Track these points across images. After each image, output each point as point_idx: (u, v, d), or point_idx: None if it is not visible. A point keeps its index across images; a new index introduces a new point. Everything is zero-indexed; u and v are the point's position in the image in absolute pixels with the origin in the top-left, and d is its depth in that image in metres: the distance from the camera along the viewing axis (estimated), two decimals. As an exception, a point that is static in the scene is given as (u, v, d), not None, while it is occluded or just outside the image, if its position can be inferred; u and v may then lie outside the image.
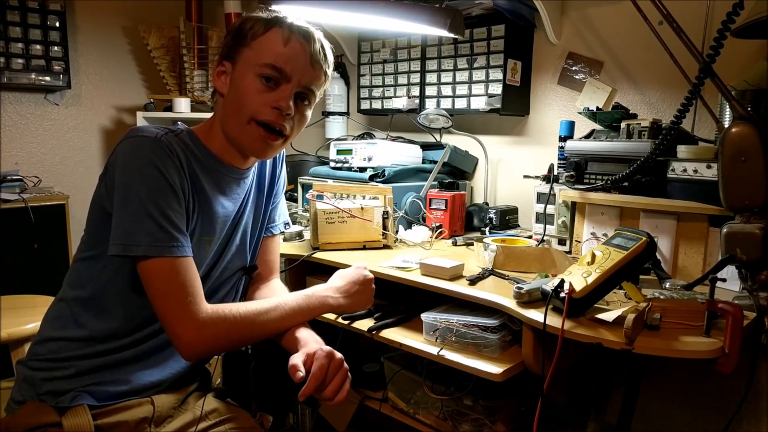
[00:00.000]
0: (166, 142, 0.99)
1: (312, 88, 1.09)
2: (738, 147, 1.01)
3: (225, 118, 1.07)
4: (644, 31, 1.29)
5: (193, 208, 1.05)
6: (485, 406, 1.39)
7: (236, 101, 1.04)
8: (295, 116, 1.08)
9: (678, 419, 1.54)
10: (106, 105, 2.84)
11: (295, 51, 1.04)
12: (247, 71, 1.04)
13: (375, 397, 1.58)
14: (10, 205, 2.19)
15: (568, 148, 1.56)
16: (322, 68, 1.09)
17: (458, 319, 1.22)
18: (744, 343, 0.93)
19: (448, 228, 1.72)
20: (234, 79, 1.05)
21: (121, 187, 0.95)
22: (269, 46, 1.03)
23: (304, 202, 1.98)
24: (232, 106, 1.05)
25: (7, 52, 2.44)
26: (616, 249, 1.05)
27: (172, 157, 0.98)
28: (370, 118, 2.55)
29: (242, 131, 1.05)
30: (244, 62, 1.04)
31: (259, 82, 1.03)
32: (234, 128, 1.06)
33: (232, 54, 1.06)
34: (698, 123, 1.59)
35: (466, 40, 1.96)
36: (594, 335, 0.96)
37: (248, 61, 1.04)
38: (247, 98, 1.03)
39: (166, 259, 0.94)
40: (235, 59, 1.06)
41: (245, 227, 1.21)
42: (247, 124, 1.04)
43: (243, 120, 1.04)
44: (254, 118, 1.04)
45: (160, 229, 0.94)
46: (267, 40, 1.04)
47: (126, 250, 0.93)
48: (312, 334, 1.10)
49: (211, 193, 1.09)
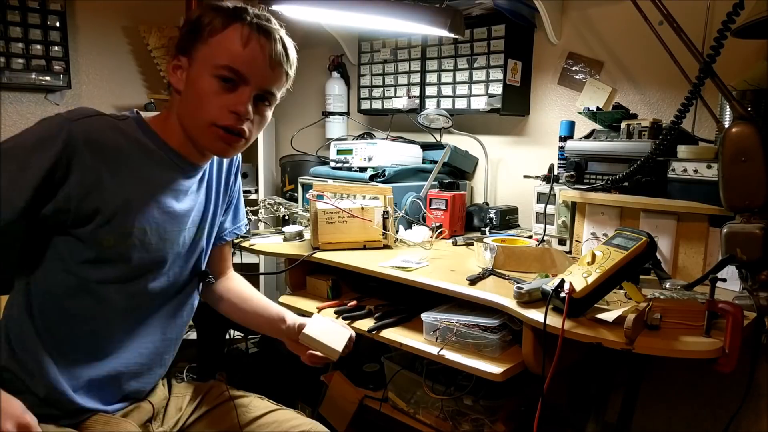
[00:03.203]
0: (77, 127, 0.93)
1: (272, 90, 1.04)
2: (738, 147, 1.01)
3: (183, 117, 1.03)
4: (644, 31, 1.29)
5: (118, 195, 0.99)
6: (485, 406, 1.39)
7: (194, 102, 1.00)
8: (255, 117, 1.03)
9: (678, 419, 1.54)
10: (107, 105, 2.84)
11: (254, 53, 0.98)
12: (204, 71, 0.98)
13: (375, 397, 1.59)
14: (10, 205, 2.19)
15: (568, 148, 1.56)
16: (283, 69, 1.03)
17: (458, 319, 1.22)
18: (744, 343, 0.93)
19: (448, 228, 1.72)
20: (190, 78, 1.00)
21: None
22: (227, 45, 0.97)
23: (305, 202, 1.98)
24: (190, 107, 1.01)
25: (7, 52, 2.44)
26: (616, 249, 1.05)
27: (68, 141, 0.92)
28: (370, 118, 2.55)
29: (202, 133, 1.02)
30: (201, 60, 0.99)
31: (217, 83, 0.98)
32: (193, 129, 1.02)
33: (188, 49, 1.00)
34: (698, 123, 1.59)
35: (466, 40, 1.96)
36: (594, 335, 0.96)
37: (205, 60, 0.98)
38: (205, 101, 0.98)
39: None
40: (192, 55, 1.00)
41: (205, 232, 1.18)
42: (207, 127, 1.01)
43: (203, 123, 1.00)
44: (213, 123, 1.00)
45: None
46: (225, 38, 0.97)
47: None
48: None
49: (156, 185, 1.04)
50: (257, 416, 1.20)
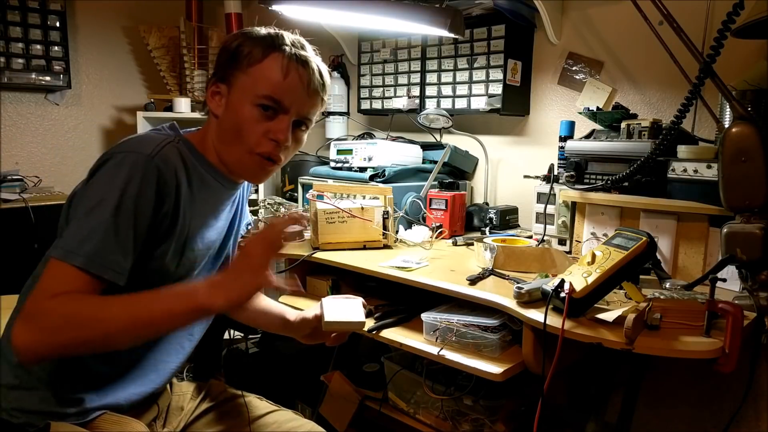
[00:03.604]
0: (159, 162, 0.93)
1: (309, 116, 1.07)
2: (738, 147, 1.01)
3: (222, 143, 1.04)
4: (644, 31, 1.29)
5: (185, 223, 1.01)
6: (485, 406, 1.39)
7: (234, 129, 1.01)
8: (291, 143, 1.05)
9: (678, 419, 1.54)
10: (107, 105, 2.84)
11: (293, 83, 1.00)
12: (245, 99, 1.00)
13: (375, 397, 1.58)
14: (10, 205, 2.19)
15: (568, 148, 1.56)
16: (320, 96, 1.06)
17: (458, 319, 1.22)
18: (744, 343, 0.93)
19: (448, 228, 1.72)
20: (230, 105, 1.02)
21: (94, 196, 0.90)
22: (267, 75, 0.99)
23: (305, 202, 1.98)
24: (230, 134, 1.02)
25: (7, 52, 2.45)
26: (616, 249, 1.05)
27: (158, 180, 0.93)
28: (370, 118, 2.55)
29: (240, 160, 1.04)
30: (241, 89, 1.01)
31: (257, 112, 1.00)
32: (231, 156, 1.04)
33: (227, 76, 1.02)
34: (698, 123, 1.59)
35: (466, 40, 1.96)
36: (594, 335, 0.96)
37: (245, 89, 1.00)
38: (246, 128, 1.00)
39: (90, 276, 0.86)
40: (231, 83, 1.02)
41: (228, 244, 1.20)
42: (247, 155, 1.02)
43: (242, 151, 1.02)
44: (252, 151, 1.02)
45: (107, 251, 0.87)
46: (265, 68, 0.99)
47: (67, 257, 0.85)
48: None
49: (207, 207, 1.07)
50: (257, 416, 1.21)
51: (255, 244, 0.88)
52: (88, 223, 0.87)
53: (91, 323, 0.82)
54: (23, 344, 0.80)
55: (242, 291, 0.86)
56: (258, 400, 1.26)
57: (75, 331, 0.81)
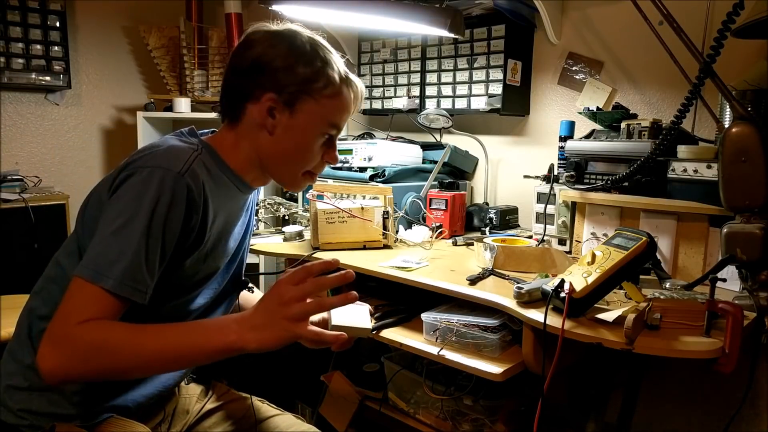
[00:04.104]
0: (189, 180, 0.91)
1: None
2: (738, 147, 1.01)
3: (276, 161, 1.05)
4: (644, 31, 1.29)
5: (212, 234, 1.00)
6: (485, 406, 1.39)
7: (296, 152, 1.04)
8: None
9: (678, 419, 1.54)
10: (107, 105, 2.84)
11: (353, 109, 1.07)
12: (314, 128, 1.02)
13: (375, 397, 1.58)
14: (10, 205, 2.20)
15: (568, 148, 1.56)
16: None
17: (458, 319, 1.22)
18: (744, 343, 0.93)
19: (448, 228, 1.72)
20: (295, 128, 1.01)
21: (123, 213, 0.87)
22: (340, 107, 1.03)
23: (305, 202, 1.98)
24: (290, 156, 1.04)
25: (7, 52, 2.45)
26: (616, 249, 1.05)
27: (187, 197, 0.91)
28: (370, 118, 2.55)
29: (294, 179, 1.08)
30: (309, 115, 1.00)
31: (322, 140, 1.04)
32: (286, 173, 1.08)
33: (292, 99, 0.99)
34: (698, 123, 1.59)
35: (466, 40, 1.97)
36: (594, 335, 0.96)
37: (314, 116, 1.01)
38: (310, 154, 1.04)
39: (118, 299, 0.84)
40: (296, 107, 1.00)
41: (243, 249, 1.20)
42: (303, 175, 1.07)
43: (299, 170, 1.07)
44: (309, 171, 1.08)
45: (138, 272, 0.86)
46: (339, 103, 1.03)
47: (96, 278, 0.83)
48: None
49: (229, 214, 1.07)
50: (259, 420, 1.21)
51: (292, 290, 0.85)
52: (118, 244, 0.85)
53: (120, 354, 0.82)
54: (51, 368, 0.80)
55: (278, 340, 0.84)
56: (260, 403, 1.26)
57: (103, 360, 0.81)
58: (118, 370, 0.83)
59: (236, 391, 1.27)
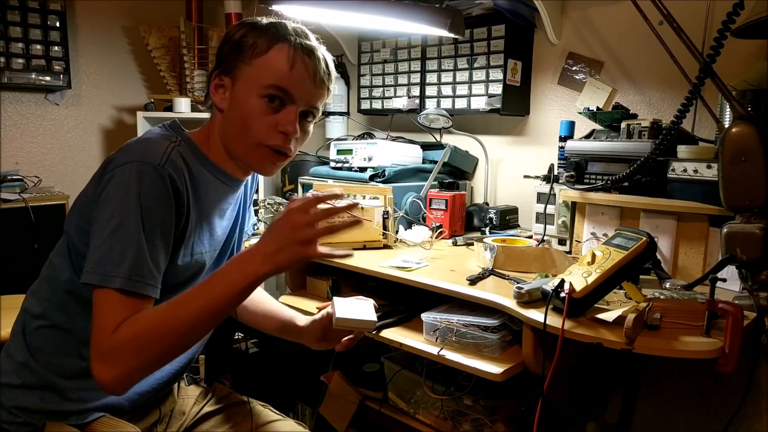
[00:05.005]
0: (170, 170, 0.92)
1: (317, 106, 1.05)
2: (738, 147, 1.01)
3: (229, 137, 1.03)
4: (644, 31, 1.29)
5: (192, 226, 1.00)
6: (485, 406, 1.39)
7: (241, 123, 1.00)
8: (300, 134, 1.04)
9: (678, 419, 1.54)
10: (107, 105, 2.84)
11: (300, 73, 0.98)
12: (250, 91, 0.98)
13: (375, 397, 1.58)
14: (10, 205, 2.19)
15: (568, 148, 1.56)
16: (326, 85, 1.04)
17: (458, 319, 1.22)
18: (744, 343, 0.93)
19: (448, 228, 1.72)
20: (235, 98, 1.00)
21: (116, 215, 0.88)
22: (273, 65, 0.97)
23: (304, 202, 1.98)
24: (236, 127, 1.01)
25: (7, 52, 2.44)
26: (616, 249, 1.05)
27: (172, 188, 0.92)
28: (370, 118, 2.55)
29: (249, 153, 1.02)
30: (246, 80, 0.99)
31: (264, 103, 0.98)
32: (240, 149, 1.03)
33: (231, 69, 1.00)
34: (698, 123, 1.59)
35: (466, 40, 1.96)
36: (594, 335, 0.96)
37: (250, 80, 0.98)
38: (253, 121, 0.98)
39: (133, 298, 0.87)
40: (236, 75, 1.00)
41: (235, 239, 1.20)
42: (255, 147, 1.01)
43: (250, 143, 1.01)
44: (261, 143, 1.00)
45: (144, 266, 0.88)
46: (270, 60, 0.98)
47: (105, 281, 0.85)
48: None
49: (211, 207, 1.06)
50: (260, 425, 1.20)
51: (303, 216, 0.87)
52: (118, 245, 0.86)
53: (161, 336, 0.84)
54: (112, 383, 0.83)
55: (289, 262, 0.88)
56: (261, 407, 1.26)
57: (151, 349, 0.84)
58: (168, 349, 0.86)
59: (237, 394, 1.27)
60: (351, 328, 1.14)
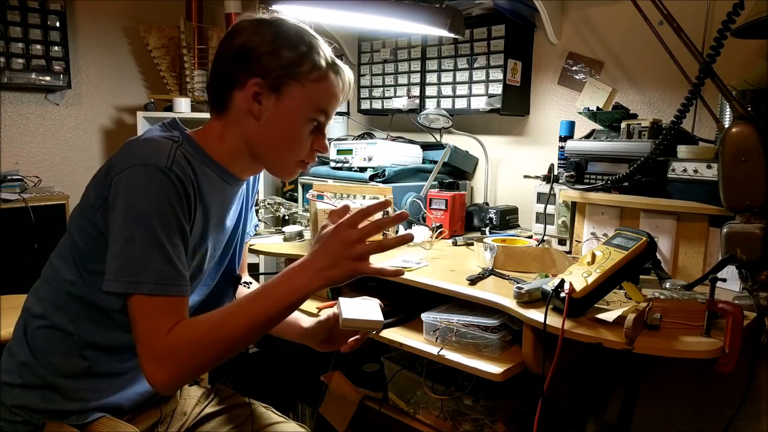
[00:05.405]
0: (177, 170, 0.92)
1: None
2: (738, 147, 1.01)
3: (264, 147, 1.03)
4: (644, 31, 1.29)
5: (197, 225, 1.00)
6: (485, 406, 1.39)
7: (284, 139, 1.02)
8: None
9: (678, 419, 1.54)
10: (107, 105, 2.84)
11: (339, 99, 1.05)
12: (300, 113, 1.00)
13: (375, 397, 1.58)
14: (10, 205, 2.20)
15: (568, 148, 1.56)
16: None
17: (458, 319, 1.22)
18: (744, 343, 0.93)
19: (448, 228, 1.72)
20: (280, 113, 0.99)
21: (131, 220, 0.87)
22: (327, 92, 1.01)
23: (305, 202, 1.99)
24: (278, 142, 1.03)
25: (7, 52, 2.45)
26: (616, 249, 1.05)
27: (181, 189, 0.92)
28: (370, 118, 2.55)
29: (284, 165, 1.06)
30: (296, 100, 0.99)
31: (310, 125, 1.02)
32: (276, 161, 1.05)
33: (277, 84, 0.98)
34: (698, 123, 1.59)
35: (466, 40, 1.96)
36: (594, 335, 0.96)
37: (301, 101, 0.99)
38: (300, 141, 1.03)
39: (169, 298, 0.88)
40: (282, 92, 0.98)
41: (238, 238, 1.19)
42: (295, 164, 1.06)
43: (290, 160, 1.05)
44: (301, 161, 1.06)
45: (170, 267, 0.88)
46: (327, 87, 1.01)
47: (131, 287, 0.86)
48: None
49: (215, 207, 1.05)
50: (262, 426, 1.20)
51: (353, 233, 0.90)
52: (139, 250, 0.87)
53: (214, 343, 0.87)
54: (164, 382, 0.85)
55: (342, 278, 0.91)
56: (264, 409, 1.25)
57: (203, 355, 0.87)
58: (218, 355, 0.88)
59: (240, 396, 1.27)
60: (358, 328, 1.13)
